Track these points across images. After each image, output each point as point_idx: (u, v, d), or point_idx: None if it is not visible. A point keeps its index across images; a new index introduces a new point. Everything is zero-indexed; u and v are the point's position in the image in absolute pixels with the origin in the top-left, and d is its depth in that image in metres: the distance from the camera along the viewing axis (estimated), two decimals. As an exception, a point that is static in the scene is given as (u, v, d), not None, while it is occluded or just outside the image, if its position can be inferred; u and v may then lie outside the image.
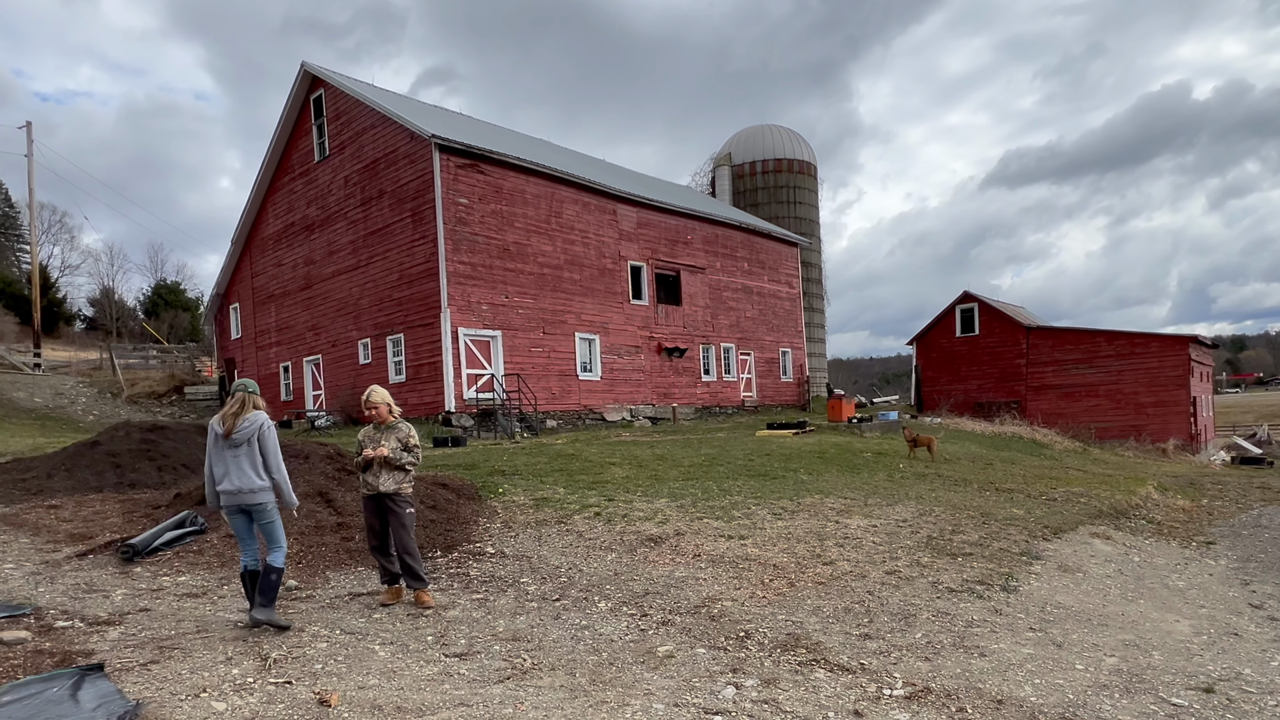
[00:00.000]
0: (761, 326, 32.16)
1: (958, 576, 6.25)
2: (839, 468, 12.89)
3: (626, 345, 25.65)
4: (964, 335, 35.82)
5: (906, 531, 7.93)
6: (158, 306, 56.90)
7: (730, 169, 41.92)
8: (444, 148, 20.51)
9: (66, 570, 5.99)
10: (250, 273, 29.81)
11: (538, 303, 22.77)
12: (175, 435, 12.00)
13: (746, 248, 31.66)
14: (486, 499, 9.04)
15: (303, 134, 26.19)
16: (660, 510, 8.53)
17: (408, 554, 5.37)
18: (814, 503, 9.35)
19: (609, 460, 12.19)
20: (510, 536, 7.59)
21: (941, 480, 12.58)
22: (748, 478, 11.20)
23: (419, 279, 21.25)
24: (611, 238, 25.43)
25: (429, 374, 20.93)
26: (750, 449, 14.83)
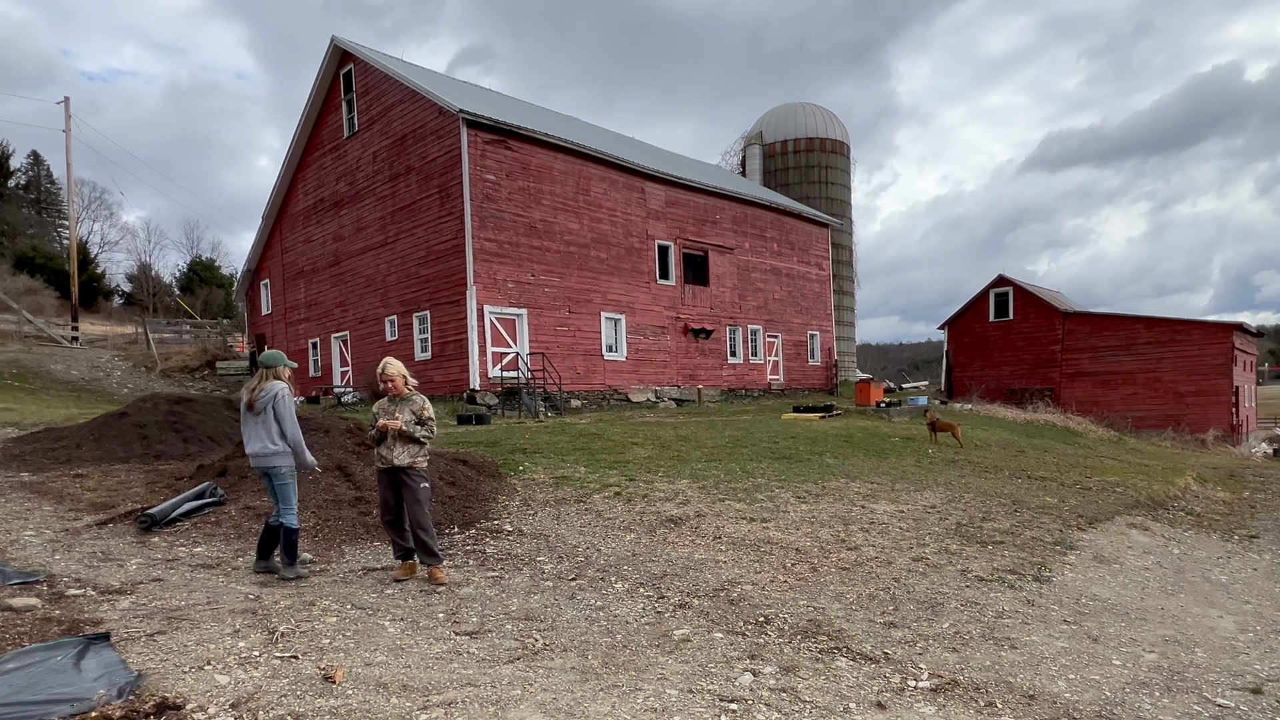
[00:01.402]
0: (790, 308, 31.76)
1: (988, 565, 6.03)
2: (866, 452, 12.64)
3: (652, 325, 25.46)
4: (998, 320, 35.09)
5: (935, 518, 7.70)
6: (193, 283, 57.77)
7: (761, 148, 41.32)
8: (472, 123, 20.35)
9: (85, 539, 5.99)
10: (280, 249, 30.04)
11: (564, 281, 22.64)
12: (201, 408, 12.09)
13: (776, 228, 31.21)
14: (506, 476, 8.96)
15: (332, 109, 26.19)
16: (681, 491, 8.38)
17: (422, 529, 5.29)
18: (839, 487, 9.14)
19: (631, 440, 12.06)
20: (529, 514, 7.50)
21: (972, 467, 12.28)
22: (772, 460, 11.00)
23: (445, 256, 21.21)
24: (639, 216, 25.17)
25: (454, 351, 20.93)
26: (775, 431, 14.62)
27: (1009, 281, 34.94)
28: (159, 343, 35.28)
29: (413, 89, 22.08)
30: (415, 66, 26.98)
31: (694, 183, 27.07)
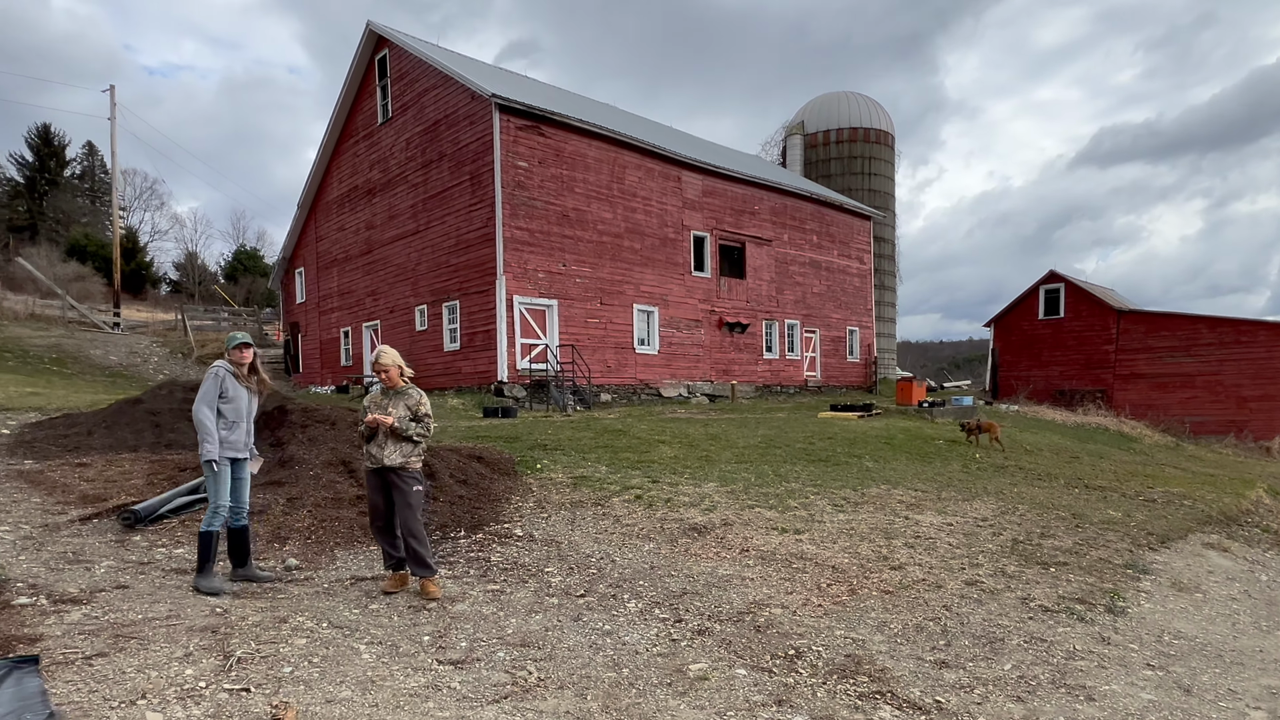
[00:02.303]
0: (829, 303, 30.83)
1: (1052, 591, 5.32)
2: (908, 455, 11.88)
3: (686, 319, 24.80)
4: (1047, 318, 33.71)
5: (987, 532, 6.97)
6: (237, 271, 58.60)
7: (802, 138, 40.29)
8: (504, 108, 19.87)
9: (62, 536, 5.61)
10: (315, 237, 29.99)
11: (596, 272, 22.09)
12: (218, 395, 11.81)
13: (816, 220, 30.29)
14: (523, 475, 8.44)
15: (367, 95, 25.96)
16: (708, 496, 7.77)
17: (413, 537, 4.77)
18: (880, 494, 8.44)
19: (658, 438, 11.47)
20: (542, 518, 6.96)
21: (1023, 474, 11.45)
22: (807, 463, 10.32)
23: (475, 244, 20.80)
24: (675, 206, 24.50)
25: (483, 342, 20.53)
26: (811, 431, 13.91)
27: (1060, 278, 33.53)
28: (196, 330, 35.64)
29: (446, 73, 21.68)
30: (449, 51, 26.61)
31: (732, 172, 26.31)
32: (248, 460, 5.09)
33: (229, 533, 5.02)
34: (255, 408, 5.16)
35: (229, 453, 4.91)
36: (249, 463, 5.18)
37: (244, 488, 5.07)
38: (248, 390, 5.02)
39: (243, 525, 5.06)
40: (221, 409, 4.89)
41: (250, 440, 5.12)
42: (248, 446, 5.06)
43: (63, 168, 59.42)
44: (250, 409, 5.07)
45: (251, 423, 5.10)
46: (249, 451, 5.09)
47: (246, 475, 5.11)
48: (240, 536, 5.05)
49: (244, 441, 5.01)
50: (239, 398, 4.96)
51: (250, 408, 5.06)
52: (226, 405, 4.89)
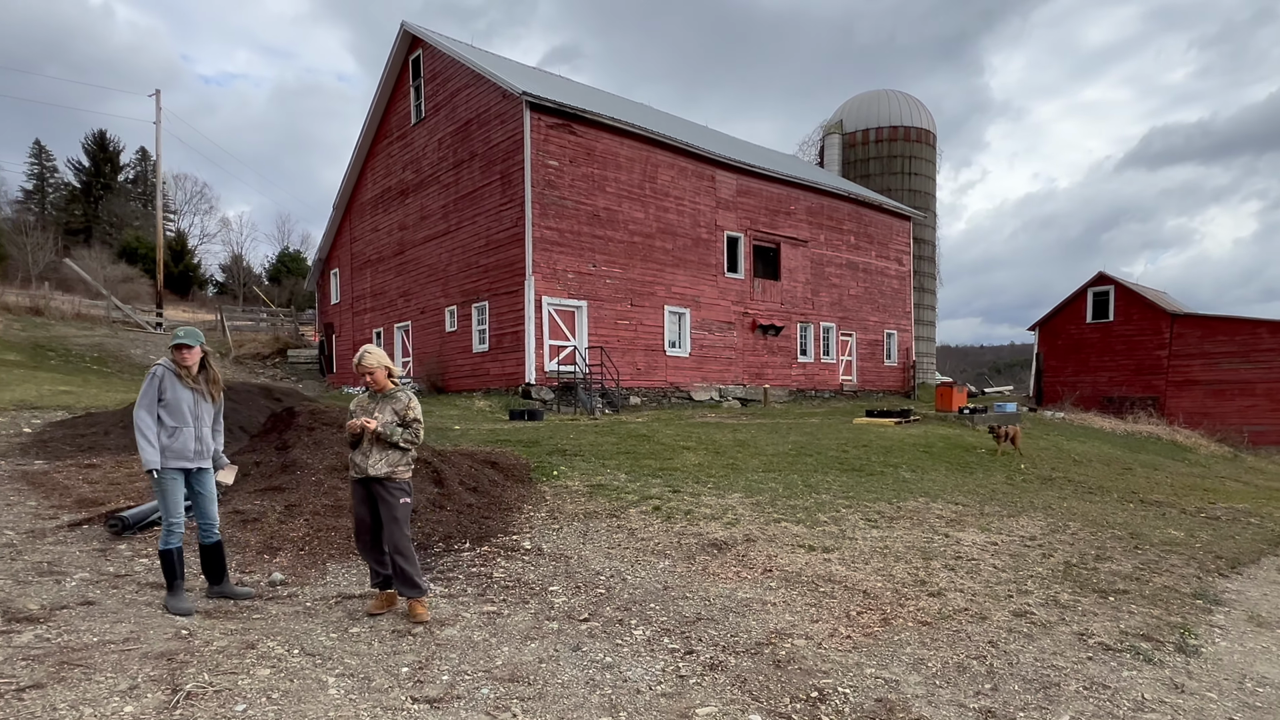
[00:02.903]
0: (866, 305, 30.04)
1: (1113, 626, 4.74)
2: (948, 465, 11.24)
3: (718, 321, 24.28)
4: (1096, 321, 32.44)
5: (1036, 554, 6.38)
6: (280, 274, 59.58)
7: (841, 137, 39.48)
8: (535, 106, 19.59)
9: (45, 543, 5.35)
10: (350, 238, 30.10)
11: (626, 273, 21.70)
12: (237, 396, 11.62)
13: (854, 220, 29.53)
14: (537, 483, 8.05)
15: (401, 96, 25.94)
16: (731, 508, 7.29)
17: (400, 554, 4.39)
18: (918, 508, 7.87)
19: (683, 444, 11.00)
20: (553, 530, 6.55)
21: (1073, 486, 10.75)
22: (839, 472, 9.77)
23: (505, 245, 20.56)
24: (708, 206, 24.01)
25: (511, 344, 20.27)
26: (845, 438, 13.31)
27: (1110, 280, 32.24)
28: (234, 330, 36.10)
29: (478, 72, 21.49)
30: (482, 51, 26.47)
31: (767, 171, 25.72)
32: (207, 470, 4.65)
33: (201, 550, 4.64)
34: (211, 411, 4.69)
35: (175, 462, 4.45)
36: (219, 472, 4.78)
37: (207, 501, 4.63)
38: (193, 392, 4.56)
39: (213, 541, 4.64)
40: (161, 414, 4.46)
41: (213, 448, 4.71)
42: (203, 454, 4.61)
43: (117, 173, 61.10)
44: (200, 413, 4.59)
45: (209, 428, 4.65)
46: (209, 460, 4.66)
47: (209, 487, 4.66)
48: (212, 553, 4.66)
49: (195, 449, 4.54)
50: (180, 400, 4.49)
51: (199, 411, 4.59)
52: (166, 409, 4.46)
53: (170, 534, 4.45)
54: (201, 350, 4.68)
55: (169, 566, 4.41)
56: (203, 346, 4.68)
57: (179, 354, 4.54)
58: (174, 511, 4.45)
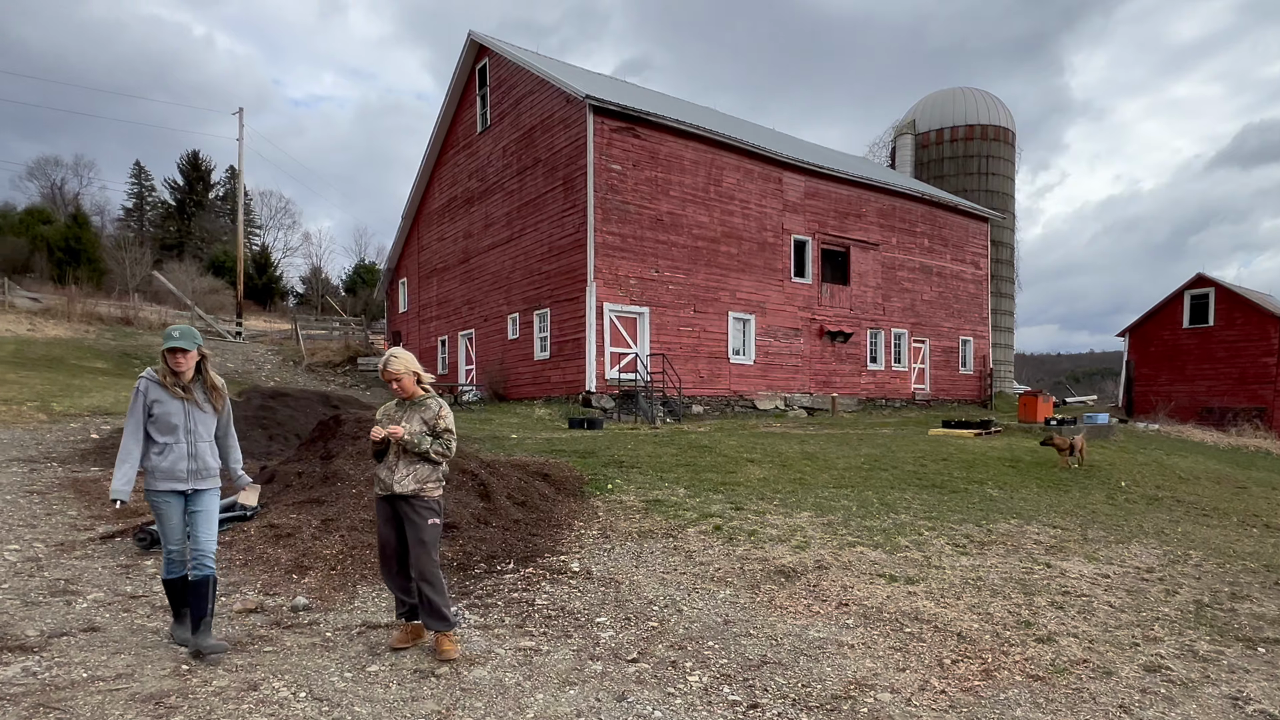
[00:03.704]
0: (940, 311, 28.70)
1: (1272, 687, 3.93)
2: (1039, 482, 10.27)
3: (784, 327, 23.47)
4: (1193, 326, 30.27)
5: (1158, 589, 5.54)
6: (356, 285, 61.30)
7: (913, 137, 38.08)
8: (598, 109, 19.27)
9: (70, 558, 5.12)
10: (417, 247, 30.43)
11: (690, 278, 21.14)
12: (295, 403, 11.56)
13: (928, 222, 28.28)
14: (590, 497, 7.55)
15: (467, 105, 26.06)
16: (800, 529, 6.63)
17: (426, 582, 3.92)
18: (1011, 531, 7.06)
19: (747, 456, 10.36)
20: (604, 550, 6.03)
21: (1183, 508, 9.66)
22: (918, 489, 8.97)
23: (567, 251, 20.28)
24: (775, 209, 23.26)
25: (572, 351, 19.94)
26: (921, 451, 12.43)
27: (1210, 282, 30.04)
28: (308, 338, 36.98)
29: (542, 78, 21.33)
30: (547, 58, 26.38)
31: (837, 172, 24.81)
32: (207, 492, 3.99)
33: (190, 584, 3.91)
34: (211, 424, 4.03)
35: (166, 484, 3.85)
36: (240, 495, 4.22)
37: (202, 523, 3.94)
38: (183, 403, 3.90)
39: (200, 576, 3.88)
40: (150, 430, 3.86)
41: (219, 466, 4.05)
42: (200, 474, 3.94)
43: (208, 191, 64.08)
44: (193, 426, 3.93)
45: (207, 443, 3.98)
46: (210, 481, 3.99)
47: (208, 511, 3.98)
48: (197, 591, 3.87)
49: (188, 468, 3.89)
50: (170, 414, 3.86)
51: (191, 424, 3.92)
52: (155, 425, 3.86)
53: (169, 563, 3.95)
54: (199, 353, 4.03)
55: (171, 595, 3.97)
56: (200, 349, 4.02)
57: (173, 359, 3.88)
58: (171, 538, 3.91)
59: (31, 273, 41.66)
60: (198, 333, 3.98)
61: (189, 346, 3.89)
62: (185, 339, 3.89)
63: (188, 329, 3.91)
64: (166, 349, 3.87)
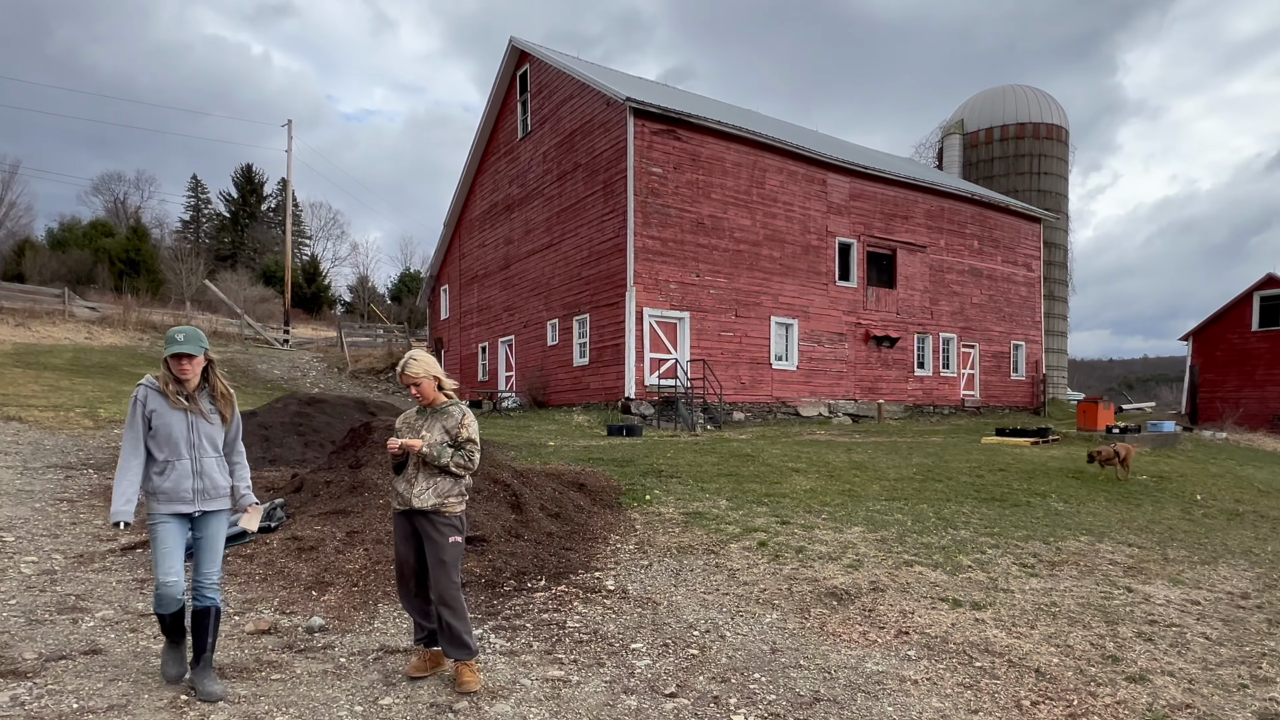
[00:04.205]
0: (990, 315, 27.76)
1: (1406, 739, 3.40)
2: (1107, 495, 9.62)
3: (828, 332, 22.87)
4: (1264, 329, 28.82)
5: (1257, 619, 4.97)
6: (401, 293, 62.21)
7: (961, 137, 37.10)
8: (639, 111, 19.01)
9: (87, 571, 4.94)
10: (458, 254, 30.53)
11: (731, 282, 20.72)
12: (331, 410, 11.45)
13: (978, 223, 27.39)
14: (627, 508, 7.20)
15: (508, 112, 26.05)
16: (851, 545, 6.19)
17: (446, 607, 3.60)
18: (1082, 550, 6.51)
19: (792, 465, 9.90)
20: (641, 567, 5.67)
21: (1269, 524, 8.94)
22: (977, 502, 8.43)
23: (606, 255, 20.03)
24: (819, 211, 22.71)
25: (611, 357, 19.66)
26: (976, 461, 11.81)
27: (1282, 283, 28.57)
28: (352, 346, 37.41)
29: (582, 81, 21.16)
30: (588, 63, 26.24)
31: (883, 173, 24.15)
32: (214, 515, 3.56)
33: (191, 615, 3.55)
34: (218, 437, 3.59)
35: (167, 506, 3.43)
36: (242, 517, 3.69)
37: (207, 550, 3.56)
38: (186, 414, 3.48)
39: (204, 605, 3.52)
40: (149, 446, 3.45)
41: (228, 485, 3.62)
42: (207, 494, 3.51)
43: (260, 203, 65.77)
44: (198, 439, 3.49)
45: (214, 459, 3.55)
46: (219, 501, 3.56)
47: (214, 537, 3.58)
48: (198, 622, 3.52)
49: (193, 487, 3.46)
50: (170, 426, 3.43)
51: (196, 438, 3.49)
52: (155, 440, 3.44)
53: (160, 599, 3.43)
54: (205, 358, 3.58)
55: (164, 628, 3.52)
56: (207, 353, 3.57)
57: (177, 366, 3.45)
58: (166, 568, 3.40)
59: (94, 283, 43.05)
60: (204, 335, 3.60)
61: (195, 351, 3.47)
62: (190, 343, 3.46)
63: (193, 331, 3.50)
64: (170, 355, 3.44)
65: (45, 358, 20.96)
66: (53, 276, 39.29)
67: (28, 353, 21.10)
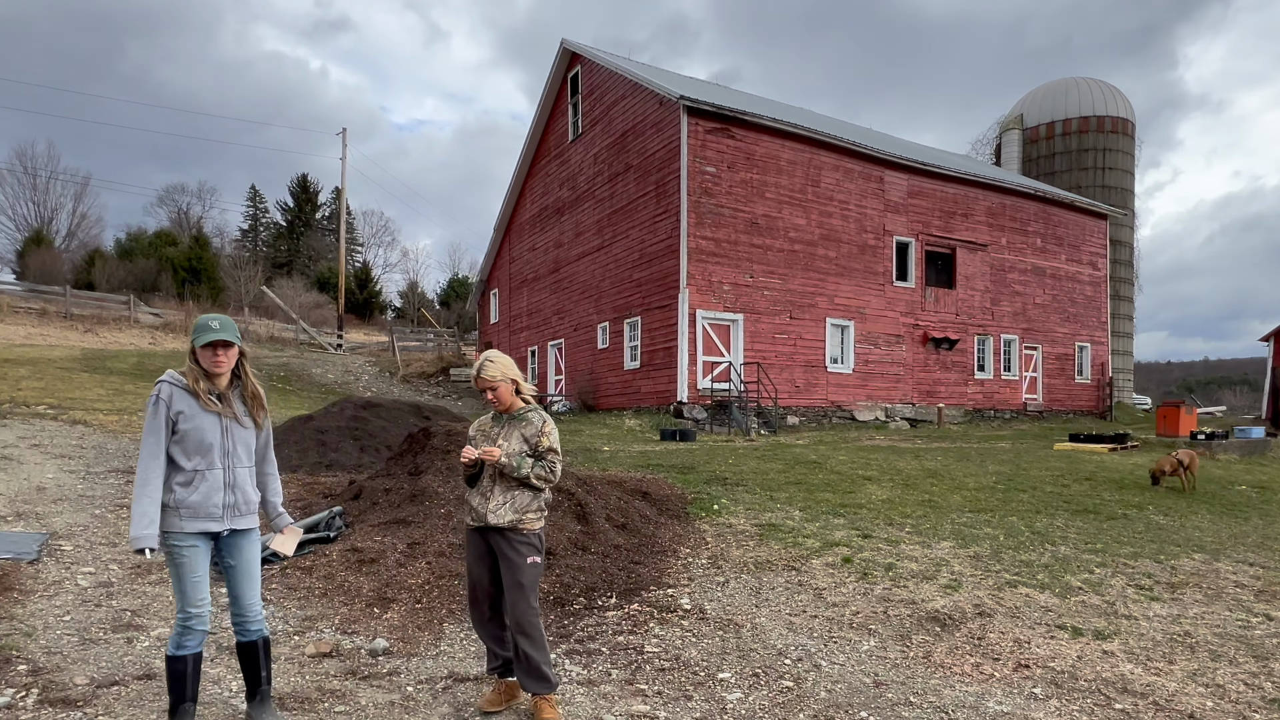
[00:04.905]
0: (1054, 315, 26.67)
1: None
2: (1210, 506, 8.91)
3: (885, 334, 22.16)
4: (1354, 330, 27.13)
5: None
6: (450, 298, 62.98)
7: (1020, 132, 35.88)
8: (693, 110, 18.66)
9: (146, 582, 4.76)
10: (508, 258, 30.54)
11: (786, 284, 20.21)
12: (387, 414, 11.32)
13: (1041, 220, 26.35)
14: (695, 519, 6.83)
15: (559, 114, 25.94)
16: (944, 562, 5.72)
17: (524, 634, 3.27)
18: (1199, 570, 5.92)
19: (862, 473, 9.41)
20: (716, 583, 5.30)
21: (1395, 540, 8.13)
22: (1069, 514, 7.84)
23: (659, 257, 19.69)
24: (875, 209, 22.05)
25: (663, 360, 19.30)
26: (1056, 469, 11.14)
27: (1373, 281, 26.83)
28: (403, 350, 37.80)
29: (634, 81, 20.89)
30: (640, 63, 25.98)
31: (943, 169, 23.36)
32: (247, 534, 3.10)
33: (238, 648, 3.15)
34: (252, 443, 3.14)
35: (195, 524, 2.93)
36: (275, 538, 3.24)
37: (244, 577, 3.10)
38: (219, 417, 3.01)
39: (251, 639, 3.12)
40: (174, 453, 2.94)
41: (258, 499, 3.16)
42: (239, 510, 3.05)
43: (315, 211, 67.32)
44: (232, 446, 3.03)
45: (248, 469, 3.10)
46: (251, 518, 3.10)
47: (251, 561, 3.11)
48: (250, 655, 3.13)
49: (225, 502, 2.99)
50: (202, 431, 2.95)
51: (231, 444, 3.02)
52: (181, 446, 2.94)
53: (185, 632, 2.94)
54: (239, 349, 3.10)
55: (176, 681, 2.95)
56: (241, 344, 3.09)
57: (213, 357, 2.97)
58: (192, 598, 2.93)
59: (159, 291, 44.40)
60: (234, 322, 3.10)
61: (233, 339, 2.99)
62: (227, 330, 2.97)
63: (227, 319, 3.03)
64: (204, 344, 2.93)
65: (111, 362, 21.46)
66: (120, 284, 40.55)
67: (95, 357, 21.63)
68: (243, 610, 3.11)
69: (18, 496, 6.44)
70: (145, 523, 2.83)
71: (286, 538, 3.24)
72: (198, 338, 2.97)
